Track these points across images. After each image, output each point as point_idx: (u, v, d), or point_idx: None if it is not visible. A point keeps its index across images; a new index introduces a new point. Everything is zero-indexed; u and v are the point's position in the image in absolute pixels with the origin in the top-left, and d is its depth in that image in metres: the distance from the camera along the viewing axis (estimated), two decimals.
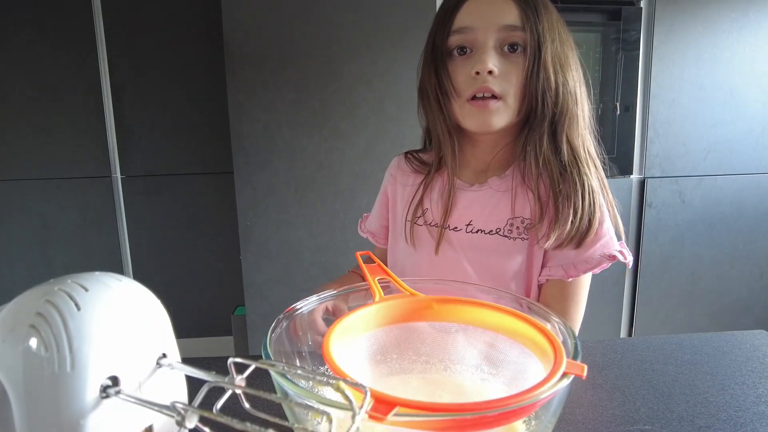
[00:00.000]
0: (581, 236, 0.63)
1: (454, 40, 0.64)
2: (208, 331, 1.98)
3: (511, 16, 0.61)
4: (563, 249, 0.65)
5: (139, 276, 1.94)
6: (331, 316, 0.45)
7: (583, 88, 0.68)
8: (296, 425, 0.32)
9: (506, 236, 0.68)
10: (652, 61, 1.54)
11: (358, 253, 0.53)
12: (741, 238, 1.69)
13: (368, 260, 0.51)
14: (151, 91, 1.79)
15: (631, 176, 1.62)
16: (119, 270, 1.93)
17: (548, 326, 0.39)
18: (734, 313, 1.75)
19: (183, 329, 0.49)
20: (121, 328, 0.29)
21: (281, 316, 0.41)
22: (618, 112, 1.57)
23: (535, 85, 0.62)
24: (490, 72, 0.61)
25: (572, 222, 0.62)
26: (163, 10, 1.77)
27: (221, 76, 1.49)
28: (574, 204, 0.62)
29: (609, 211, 0.67)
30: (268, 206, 1.52)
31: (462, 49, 0.64)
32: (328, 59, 1.45)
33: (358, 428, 0.23)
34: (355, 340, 0.41)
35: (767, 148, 1.65)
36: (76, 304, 0.28)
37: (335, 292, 0.48)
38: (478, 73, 0.61)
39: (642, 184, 1.62)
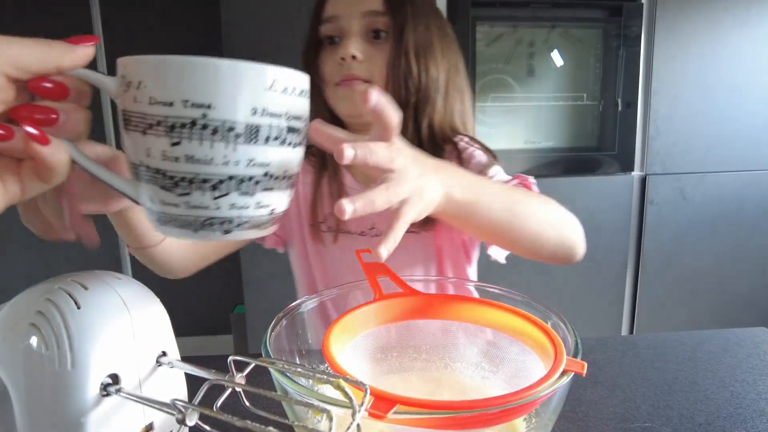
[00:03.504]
0: None
1: (324, 30, 0.65)
2: (208, 330, 1.99)
3: (375, 2, 0.63)
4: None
5: (139, 274, 1.93)
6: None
7: (456, 76, 0.69)
8: (296, 423, 0.32)
9: (411, 231, 0.69)
10: (654, 57, 1.53)
11: (359, 251, 0.53)
12: (742, 235, 1.69)
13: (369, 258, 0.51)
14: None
15: (633, 173, 1.61)
16: (119, 268, 1.93)
17: (548, 323, 0.39)
18: (735, 310, 1.75)
19: (182, 327, 0.49)
20: (121, 326, 0.29)
21: (281, 314, 0.41)
22: (619, 109, 1.57)
23: (398, 71, 0.63)
24: (354, 57, 0.62)
25: None
26: (162, 9, 1.76)
27: None
28: None
29: None
30: None
31: (331, 39, 0.65)
32: None
33: (358, 426, 0.23)
34: (355, 338, 0.41)
35: None
36: (76, 303, 0.28)
37: (336, 289, 0.48)
38: (343, 59, 0.62)
39: (643, 181, 1.62)
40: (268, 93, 0.27)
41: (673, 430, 0.45)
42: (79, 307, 0.28)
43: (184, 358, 0.34)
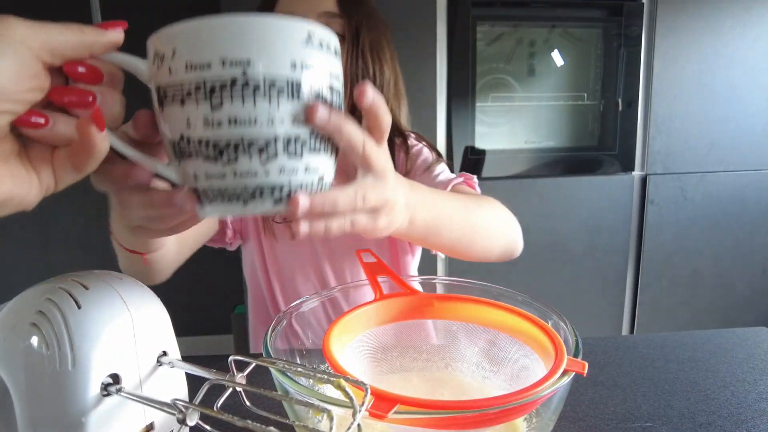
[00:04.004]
0: None
1: None
2: (208, 330, 1.99)
3: (329, 3, 0.63)
4: None
5: None
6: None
7: (399, 81, 0.71)
8: (297, 423, 0.32)
9: None
10: (654, 57, 1.53)
11: (359, 251, 0.53)
12: (743, 234, 1.68)
13: (370, 258, 0.51)
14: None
15: (633, 173, 1.61)
16: (119, 268, 1.93)
17: (549, 323, 0.39)
18: (736, 310, 1.75)
19: (183, 327, 0.49)
20: (121, 326, 0.29)
21: (281, 313, 0.41)
22: (620, 109, 1.56)
23: (355, 71, 0.63)
24: None
25: None
26: (162, 9, 1.76)
27: None
28: None
29: None
30: None
31: None
32: None
33: (358, 426, 0.23)
34: (355, 338, 0.41)
35: None
36: (77, 303, 0.28)
37: (336, 289, 0.48)
38: None
39: (644, 180, 1.62)
40: (305, 46, 0.26)
41: (673, 430, 0.45)
42: (79, 307, 0.28)
43: (185, 358, 0.34)
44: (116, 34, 0.26)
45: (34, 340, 0.27)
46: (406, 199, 0.38)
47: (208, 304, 1.97)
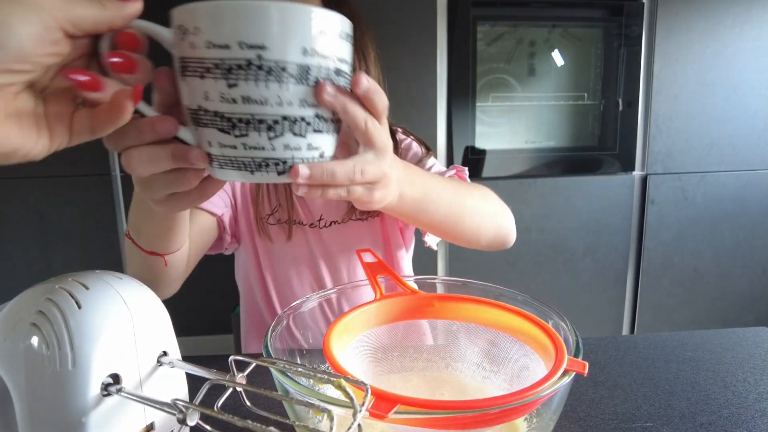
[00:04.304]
0: None
1: None
2: (209, 329, 1.98)
3: (314, 3, 0.63)
4: None
5: None
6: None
7: (381, 78, 0.71)
8: (297, 423, 0.32)
9: (359, 219, 0.72)
10: (655, 56, 1.53)
11: (359, 251, 0.53)
12: (743, 234, 1.68)
13: (370, 257, 0.51)
14: (151, 87, 1.79)
15: (633, 173, 1.61)
16: (119, 268, 1.93)
17: (549, 323, 0.39)
18: (737, 310, 1.75)
19: (183, 327, 0.49)
20: (121, 326, 0.29)
21: (282, 313, 0.41)
22: (620, 109, 1.56)
23: None
24: None
25: None
26: (161, 5, 1.76)
27: None
28: None
29: None
30: None
31: None
32: None
33: (359, 426, 0.23)
34: (356, 338, 0.41)
35: None
36: (77, 303, 0.28)
37: (335, 288, 0.48)
38: None
39: (644, 180, 1.62)
40: (317, 33, 0.28)
41: (674, 431, 0.45)
42: (80, 307, 0.28)
43: (185, 358, 0.34)
44: (136, 5, 0.27)
45: (35, 340, 0.27)
46: (398, 174, 0.41)
47: (208, 304, 1.97)
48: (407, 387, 0.44)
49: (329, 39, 0.29)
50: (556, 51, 1.53)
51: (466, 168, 0.69)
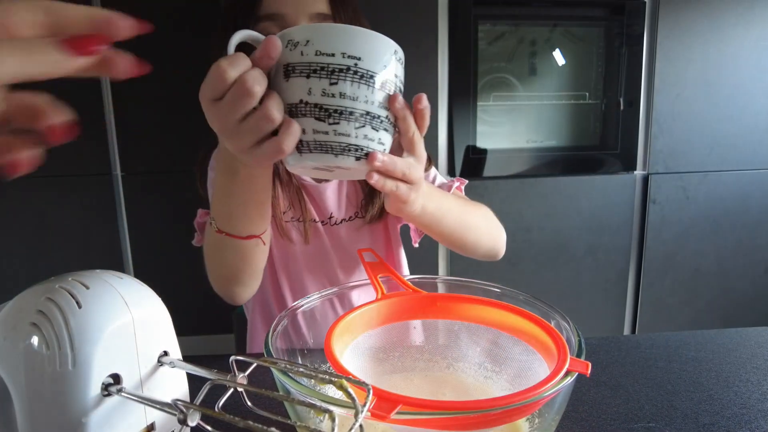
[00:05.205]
0: None
1: (264, 27, 0.61)
2: (209, 329, 1.98)
3: (321, 4, 0.63)
4: None
5: (140, 274, 1.93)
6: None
7: None
8: (298, 423, 0.32)
9: (363, 217, 0.75)
10: (656, 56, 1.53)
11: (360, 250, 0.53)
12: (745, 234, 1.68)
13: (371, 257, 0.51)
14: (152, 88, 1.79)
15: (635, 172, 1.61)
16: (120, 268, 1.93)
17: (551, 323, 0.39)
18: (739, 310, 1.75)
19: (184, 327, 0.48)
20: (122, 325, 0.29)
21: (283, 313, 0.41)
22: (622, 108, 1.56)
23: None
24: None
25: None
26: (163, 6, 1.76)
27: None
28: None
29: None
30: None
31: None
32: None
33: (360, 426, 0.23)
34: (357, 338, 0.41)
35: None
36: (78, 302, 0.28)
37: (336, 288, 0.48)
38: None
39: (646, 180, 1.61)
40: (392, 57, 0.39)
41: (676, 431, 0.44)
42: (80, 307, 0.28)
43: (186, 358, 0.34)
44: (85, 60, 0.25)
45: (35, 340, 0.27)
46: (423, 188, 0.47)
47: (209, 304, 1.97)
48: (409, 387, 0.44)
49: (398, 63, 0.39)
50: (558, 50, 1.53)
51: (466, 181, 0.77)
